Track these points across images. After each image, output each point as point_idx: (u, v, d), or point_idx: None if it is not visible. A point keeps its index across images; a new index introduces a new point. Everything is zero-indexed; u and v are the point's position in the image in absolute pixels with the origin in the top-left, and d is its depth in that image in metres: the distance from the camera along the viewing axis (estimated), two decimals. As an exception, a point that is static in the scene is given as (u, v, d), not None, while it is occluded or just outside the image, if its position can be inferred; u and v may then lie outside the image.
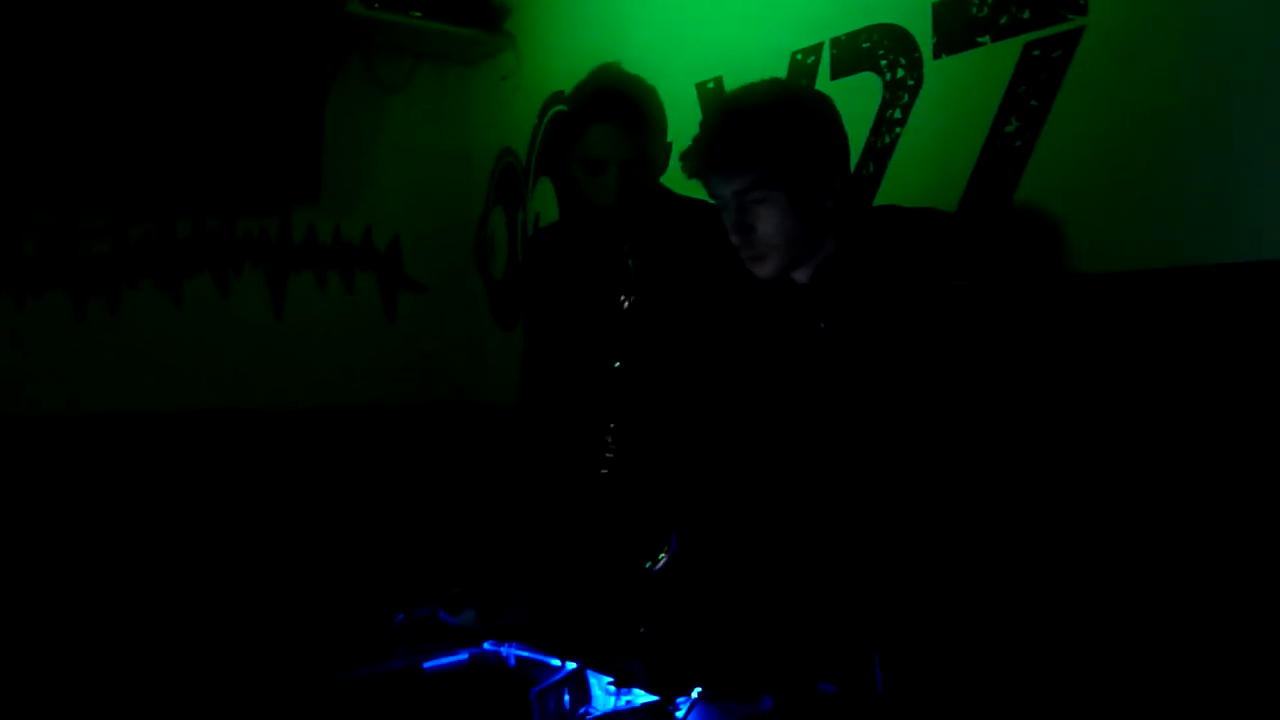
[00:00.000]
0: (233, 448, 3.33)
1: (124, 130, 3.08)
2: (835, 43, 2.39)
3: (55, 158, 3.02)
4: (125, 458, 3.17)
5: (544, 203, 3.48)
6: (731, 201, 1.64)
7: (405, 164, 3.72)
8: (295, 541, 2.97)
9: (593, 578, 1.77)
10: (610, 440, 2.02)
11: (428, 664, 1.71)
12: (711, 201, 1.73)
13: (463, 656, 1.73)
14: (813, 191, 1.62)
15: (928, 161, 2.19)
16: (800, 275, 1.69)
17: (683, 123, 2.51)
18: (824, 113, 1.69)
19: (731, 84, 2.62)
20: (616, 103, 1.99)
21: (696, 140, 1.68)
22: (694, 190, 1.88)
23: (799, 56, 2.47)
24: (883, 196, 2.25)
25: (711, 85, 2.72)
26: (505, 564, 1.85)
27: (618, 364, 2.06)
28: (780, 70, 2.50)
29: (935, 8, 2.16)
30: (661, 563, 1.53)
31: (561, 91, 3.36)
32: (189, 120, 3.16)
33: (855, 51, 2.34)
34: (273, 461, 3.37)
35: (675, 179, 1.95)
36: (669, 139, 2.10)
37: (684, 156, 1.71)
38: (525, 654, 1.63)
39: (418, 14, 3.45)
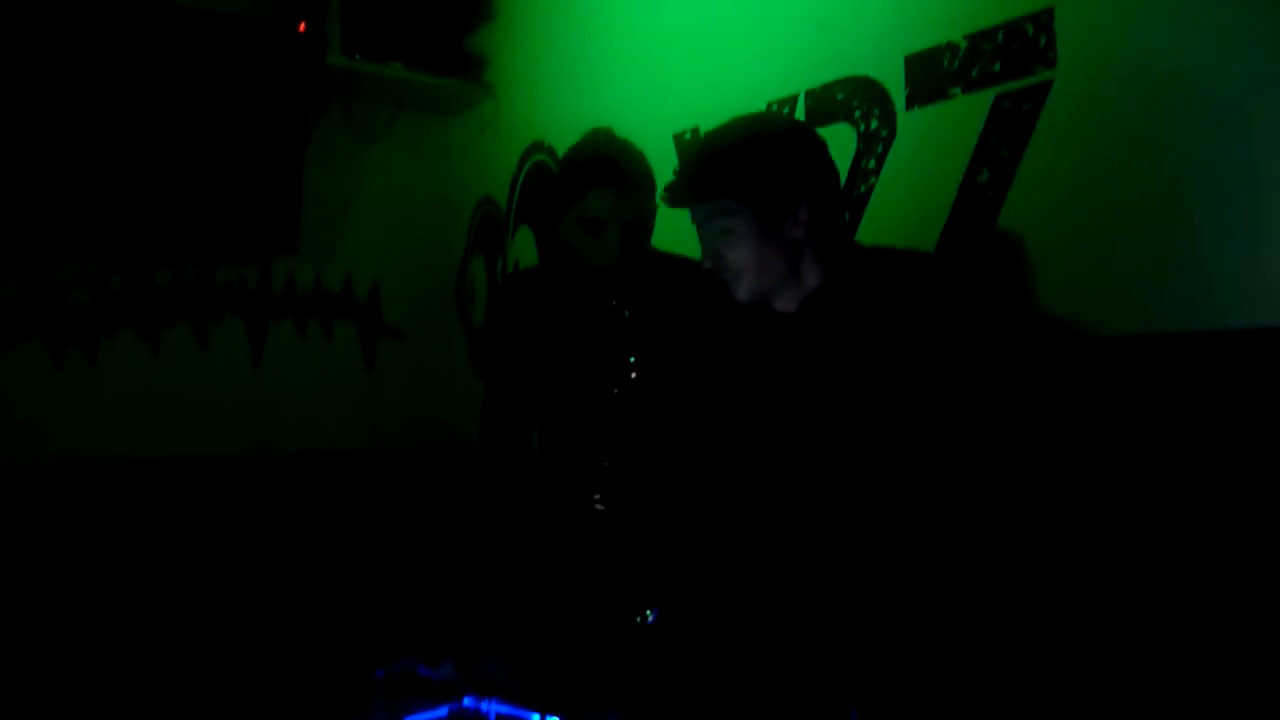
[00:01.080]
0: (210, 496, 3.30)
1: (104, 179, 3.09)
2: (810, 94, 2.43)
3: (36, 206, 3.02)
4: (101, 506, 3.14)
5: (523, 250, 3.50)
6: (702, 228, 1.69)
7: (385, 212, 3.74)
8: (273, 591, 2.94)
9: (571, 630, 1.76)
10: (602, 483, 2.03)
11: (407, 719, 1.70)
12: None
13: (442, 712, 1.72)
14: (775, 218, 1.64)
15: (902, 210, 2.22)
16: (785, 305, 1.71)
17: (661, 173, 2.54)
18: (793, 141, 1.71)
19: (708, 134, 2.67)
20: (615, 166, 2.04)
21: (677, 170, 1.76)
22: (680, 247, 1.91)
23: (774, 107, 2.50)
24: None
25: (689, 136, 2.75)
26: (484, 615, 1.84)
27: (616, 400, 2.08)
28: (756, 121, 2.53)
29: (908, 60, 2.20)
30: (649, 619, 1.54)
31: (541, 141, 3.39)
32: (169, 170, 3.17)
33: (829, 102, 2.38)
34: (251, 509, 3.34)
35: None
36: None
37: (665, 188, 1.77)
38: (505, 709, 1.62)
39: (398, 65, 3.48)
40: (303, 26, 3.35)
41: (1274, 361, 1.62)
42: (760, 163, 1.64)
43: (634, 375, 2.07)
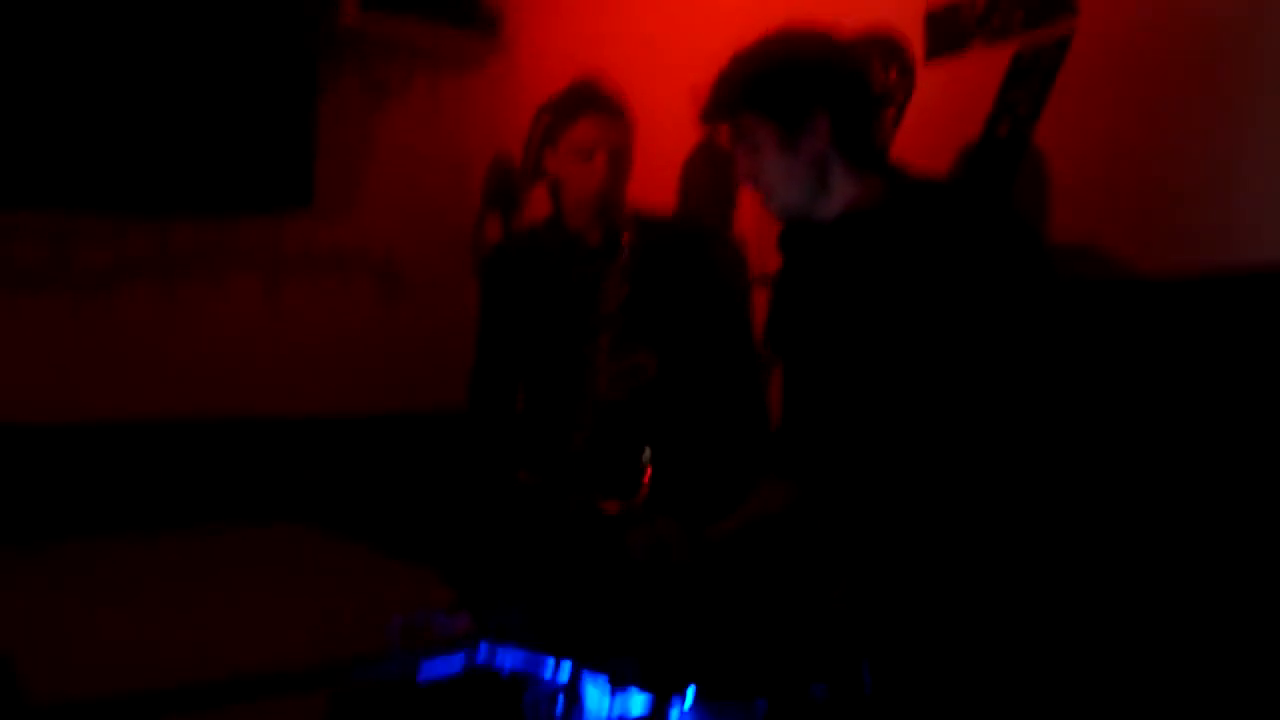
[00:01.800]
0: (229, 455, 3.33)
1: (119, 135, 3.09)
2: (828, 48, 2.40)
3: (49, 163, 3.02)
4: (116, 466, 3.17)
5: (539, 207, 3.48)
6: (734, 146, 1.69)
7: (400, 168, 3.72)
8: (291, 547, 2.97)
9: (588, 576, 1.77)
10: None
11: (423, 668, 1.71)
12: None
13: (458, 660, 1.73)
14: (794, 129, 1.63)
15: (921, 165, 2.19)
16: (823, 217, 1.70)
17: (680, 126, 2.53)
18: (808, 50, 1.70)
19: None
20: (600, 97, 2.25)
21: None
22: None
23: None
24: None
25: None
26: (499, 565, 1.86)
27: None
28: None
29: (928, 14, 2.18)
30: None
31: (552, 99, 3.37)
32: (182, 126, 3.16)
33: (848, 56, 2.35)
34: (269, 468, 3.37)
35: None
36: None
37: (699, 111, 1.77)
38: (520, 656, 1.63)
39: (412, 17, 3.46)
40: (317, -21, 3.33)
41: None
42: (773, 74, 1.65)
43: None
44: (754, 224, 2.64)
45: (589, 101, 2.23)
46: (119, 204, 3.23)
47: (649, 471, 1.77)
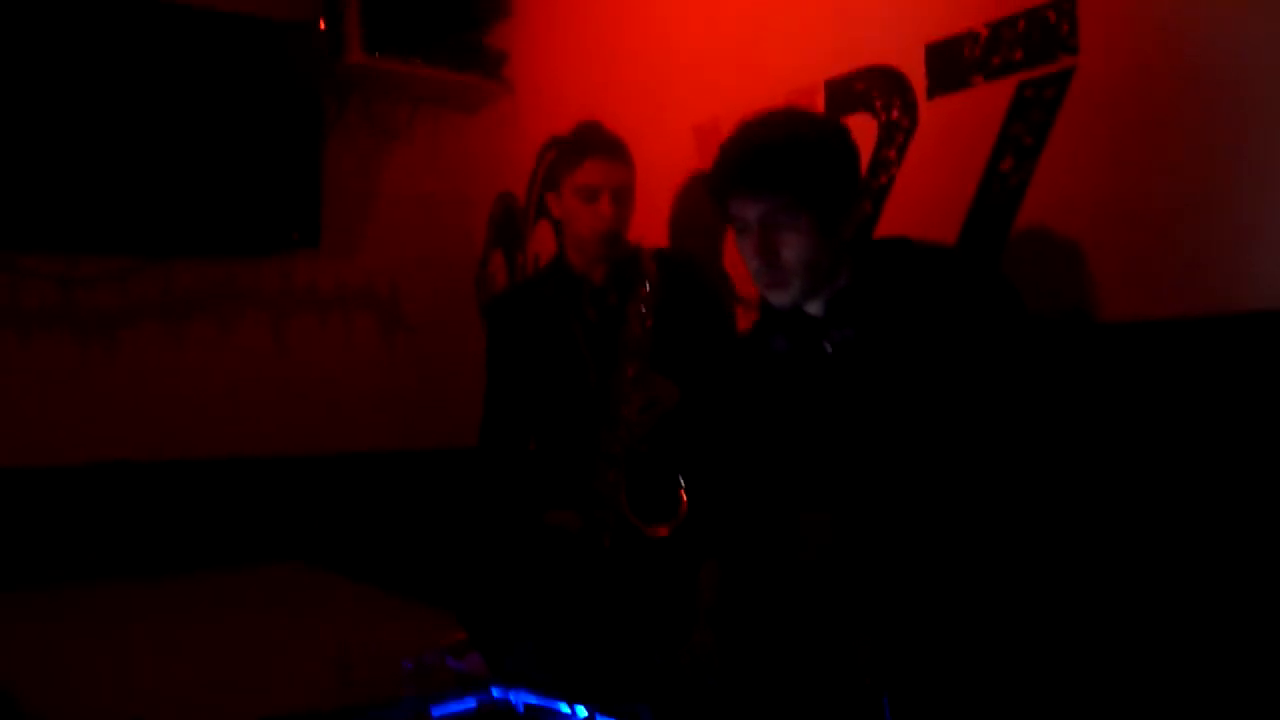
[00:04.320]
0: (236, 495, 3.33)
1: (128, 178, 3.12)
2: (830, 84, 2.43)
3: (61, 204, 3.05)
4: (122, 506, 3.17)
5: (543, 245, 3.50)
6: (756, 224, 1.62)
7: (405, 208, 3.75)
8: (296, 587, 2.96)
9: (600, 619, 1.77)
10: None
11: (435, 710, 1.71)
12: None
13: (470, 703, 1.72)
14: (836, 217, 1.62)
15: (924, 201, 2.21)
16: (814, 308, 1.69)
17: (680, 164, 2.55)
18: (845, 140, 1.70)
19: (728, 126, 2.67)
20: (604, 140, 2.29)
21: (720, 162, 1.67)
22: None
23: (794, 97, 2.49)
24: (879, 235, 2.27)
25: (708, 127, 2.75)
26: (510, 606, 1.86)
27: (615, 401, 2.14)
28: (776, 112, 2.53)
29: (928, 49, 2.20)
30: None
31: (558, 136, 3.39)
32: (191, 168, 3.20)
33: (849, 93, 2.37)
34: (275, 507, 3.37)
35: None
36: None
37: (708, 178, 1.71)
38: (533, 700, 1.63)
39: (417, 61, 3.49)
40: (322, 24, 3.37)
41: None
42: (824, 159, 1.62)
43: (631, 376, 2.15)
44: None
45: (593, 144, 2.27)
46: (125, 246, 3.26)
47: (684, 494, 1.79)
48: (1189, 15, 1.77)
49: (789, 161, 1.59)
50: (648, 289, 2.12)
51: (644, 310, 2.12)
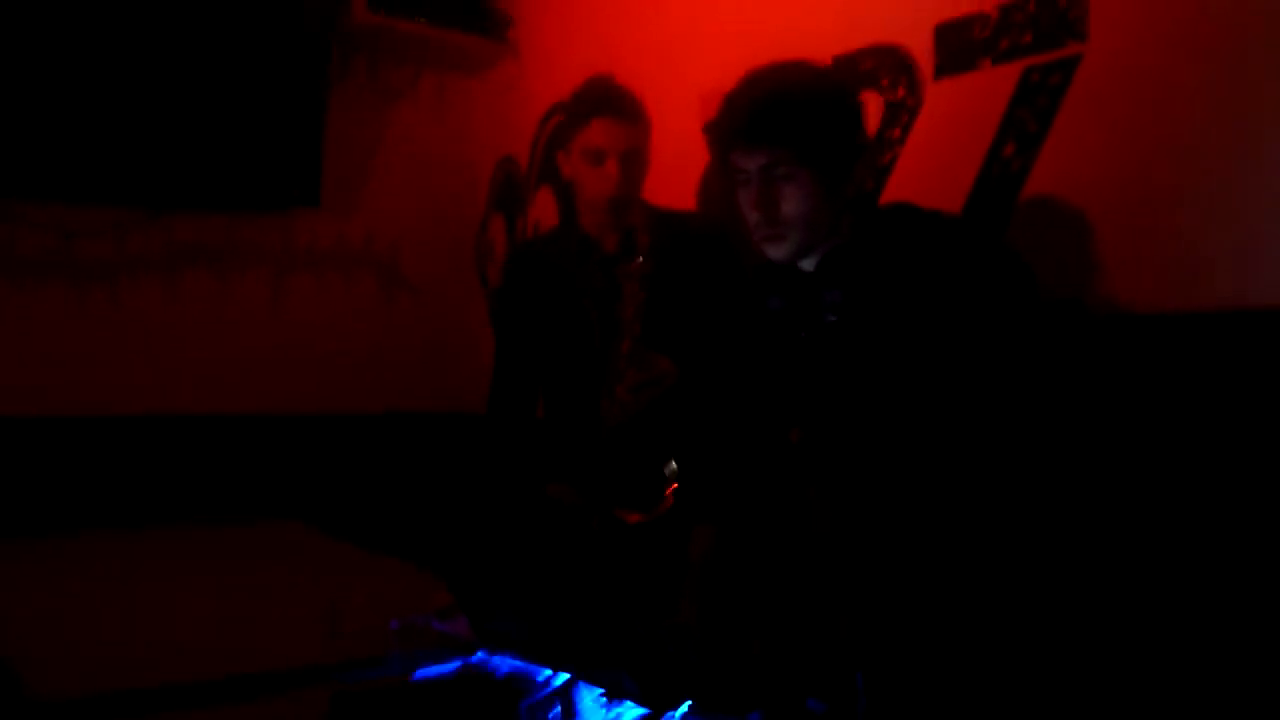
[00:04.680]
0: (232, 451, 3.34)
1: (129, 129, 3.10)
2: (837, 60, 2.41)
3: (57, 153, 3.03)
4: (116, 459, 3.18)
5: (544, 211, 3.49)
6: (756, 176, 1.62)
7: (407, 170, 3.74)
8: (291, 544, 2.98)
9: (586, 588, 1.78)
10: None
11: (419, 672, 1.72)
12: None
13: (454, 665, 1.74)
14: (837, 173, 1.62)
15: (926, 181, 2.20)
16: (807, 264, 1.68)
17: (686, 134, 2.54)
18: (851, 98, 1.71)
19: (734, 98, 2.65)
20: (613, 99, 2.18)
21: (724, 113, 1.67)
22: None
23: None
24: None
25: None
26: (498, 571, 1.87)
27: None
28: (782, 86, 2.51)
29: (938, 29, 2.18)
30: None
31: (563, 102, 3.37)
32: (190, 120, 3.18)
33: (856, 70, 2.36)
34: (271, 465, 3.38)
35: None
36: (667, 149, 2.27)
37: (708, 127, 1.72)
38: (516, 664, 1.64)
39: (422, 20, 3.47)
40: (328, -20, 3.34)
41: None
42: (827, 114, 1.62)
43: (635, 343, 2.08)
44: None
45: (601, 104, 2.17)
46: (124, 197, 3.24)
47: (673, 486, 1.76)
48: (1200, 7, 1.76)
49: (791, 114, 1.59)
50: (638, 262, 2.06)
51: (637, 285, 2.06)
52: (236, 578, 2.45)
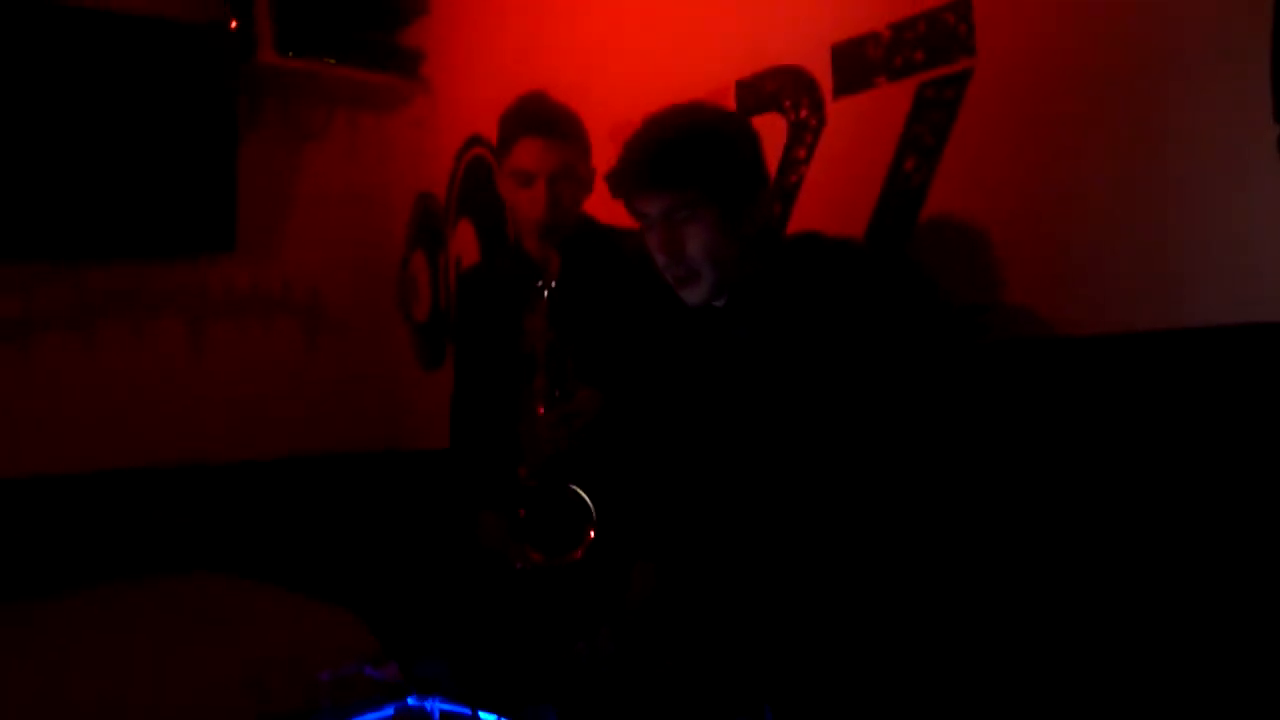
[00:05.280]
0: (150, 504, 3.27)
1: (32, 182, 3.04)
2: (740, 84, 2.45)
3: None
4: (39, 520, 3.10)
5: (464, 244, 3.49)
6: (659, 220, 1.63)
7: (323, 210, 3.70)
8: (215, 595, 2.92)
9: (511, 629, 1.77)
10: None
11: (353, 719, 1.71)
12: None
13: (388, 711, 1.73)
14: (740, 210, 1.64)
15: (832, 199, 2.24)
16: (719, 302, 1.70)
17: (598, 165, 2.53)
18: (748, 134, 1.72)
19: (642, 126, 2.68)
20: (542, 118, 2.12)
21: (623, 159, 1.68)
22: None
23: (706, 98, 2.51)
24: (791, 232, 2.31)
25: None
26: (426, 614, 1.85)
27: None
28: (688, 112, 2.54)
29: (834, 49, 2.23)
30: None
31: (478, 135, 3.38)
32: (101, 172, 3.13)
33: (760, 93, 2.40)
34: (191, 516, 3.31)
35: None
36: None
37: (609, 176, 1.71)
38: (447, 707, 1.63)
39: (331, 61, 3.45)
40: (234, 24, 3.31)
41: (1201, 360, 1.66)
42: (726, 153, 1.64)
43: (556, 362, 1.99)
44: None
45: (528, 124, 2.11)
46: (33, 251, 3.17)
47: (589, 534, 1.70)
48: (1081, 17, 1.82)
49: (688, 157, 1.61)
50: (545, 296, 1.95)
51: (543, 318, 1.96)
52: (159, 633, 2.38)
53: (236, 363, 3.52)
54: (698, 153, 1.61)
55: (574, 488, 1.77)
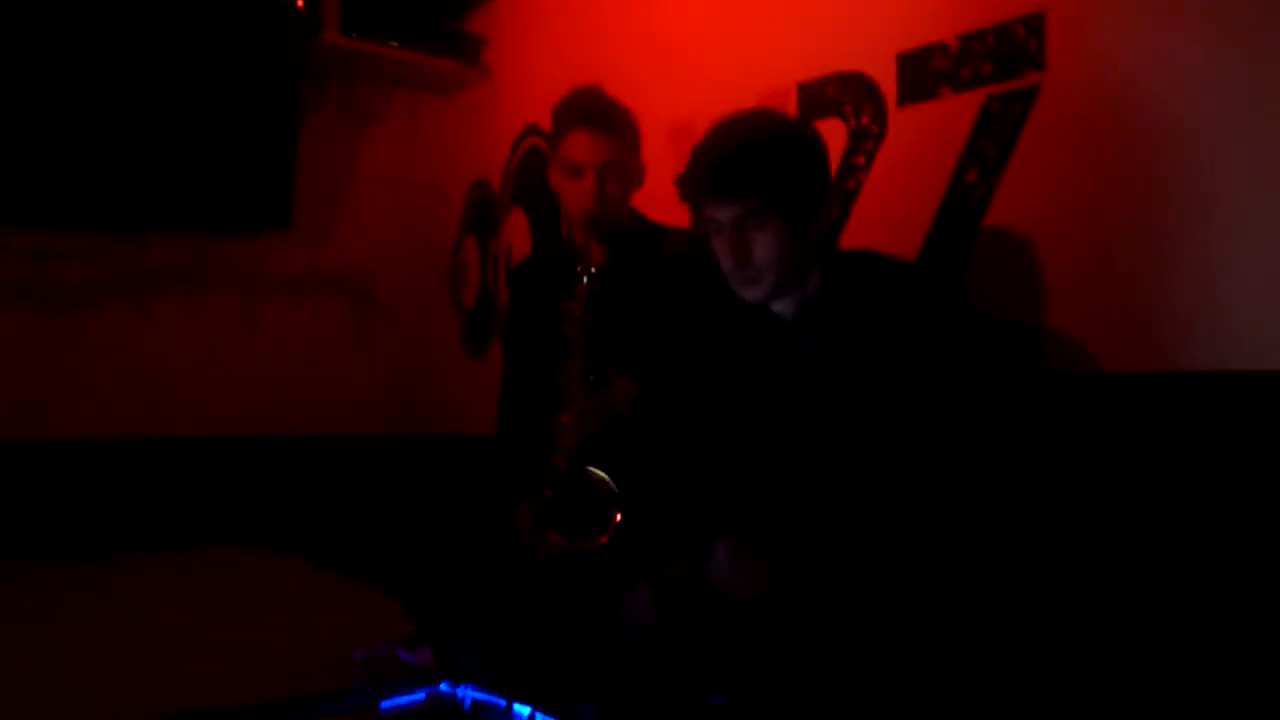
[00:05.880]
0: (200, 474, 3.33)
1: (99, 151, 3.10)
2: (803, 88, 2.44)
3: (29, 177, 3.03)
4: (88, 484, 3.16)
5: (516, 232, 3.50)
6: (728, 226, 1.66)
7: (380, 191, 3.75)
8: (257, 570, 2.96)
9: (549, 621, 1.78)
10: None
11: (384, 703, 1.72)
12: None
13: (419, 696, 1.73)
14: (805, 218, 1.66)
15: (890, 208, 2.23)
16: (782, 307, 1.72)
17: (655, 160, 2.54)
18: (816, 143, 1.73)
19: (704, 126, 2.67)
20: (595, 111, 2.13)
21: (692, 166, 1.69)
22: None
23: (768, 99, 2.50)
24: (846, 241, 2.29)
25: (685, 126, 2.75)
26: (463, 600, 1.86)
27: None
28: (749, 113, 2.53)
29: (900, 58, 2.21)
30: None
31: (535, 124, 3.39)
32: (163, 143, 3.18)
33: (821, 97, 2.38)
34: (241, 488, 3.37)
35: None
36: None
37: (678, 180, 1.73)
38: (480, 695, 1.64)
39: (395, 44, 3.48)
40: (301, 3, 3.35)
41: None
42: (794, 162, 1.66)
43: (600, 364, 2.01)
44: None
45: (580, 115, 2.12)
46: (96, 221, 3.24)
47: (617, 517, 1.73)
48: (1155, 43, 1.79)
49: (757, 167, 1.63)
50: (584, 283, 1.98)
51: (582, 306, 1.98)
52: (200, 604, 2.43)
53: (288, 340, 3.57)
54: (767, 162, 1.63)
55: (595, 470, 1.79)
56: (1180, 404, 1.73)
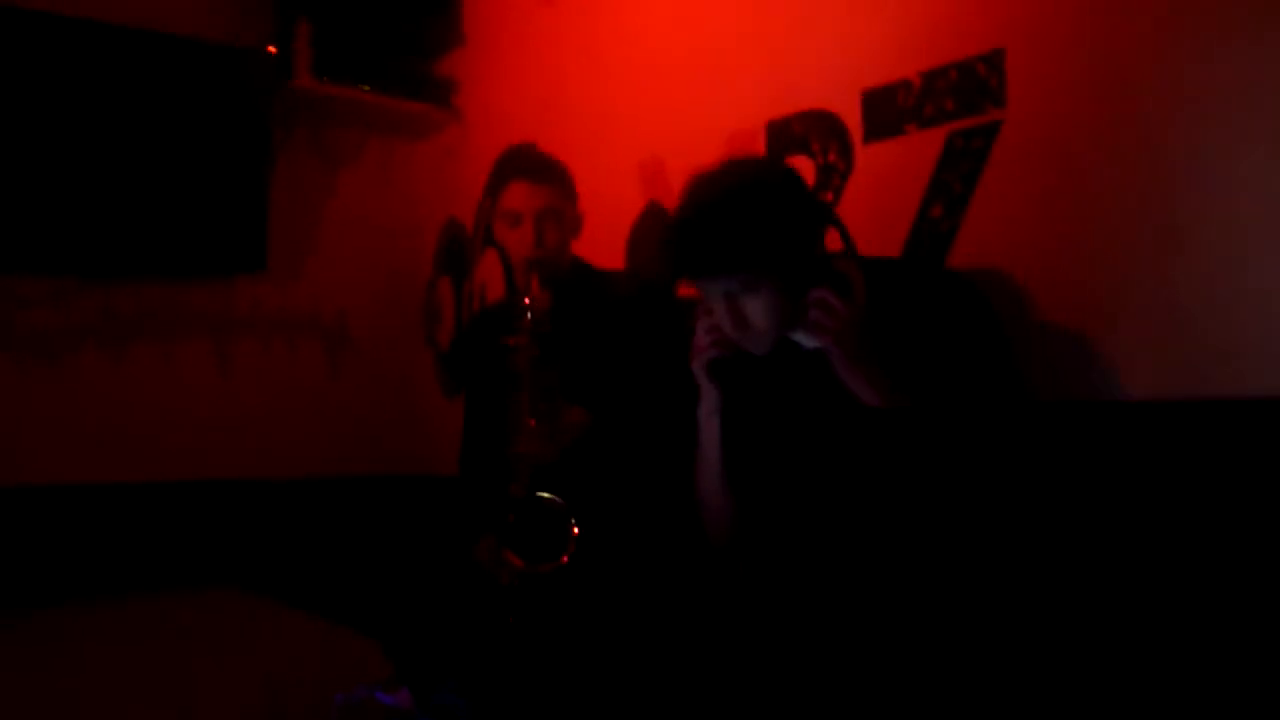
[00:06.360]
0: (173, 519, 3.30)
1: (70, 198, 3.09)
2: (770, 125, 2.48)
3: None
4: (63, 530, 3.12)
5: (490, 272, 3.52)
6: (720, 298, 1.65)
7: (353, 234, 3.75)
8: (231, 613, 2.94)
9: (527, 659, 1.78)
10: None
11: (363, 745, 1.71)
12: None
13: (398, 737, 1.73)
14: (796, 273, 1.64)
15: (858, 242, 2.26)
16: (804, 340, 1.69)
17: (625, 198, 2.59)
18: (800, 195, 1.72)
19: (673, 164, 2.71)
20: (530, 161, 2.33)
21: (674, 245, 1.67)
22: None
23: (737, 138, 2.54)
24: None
25: (651, 164, 2.79)
26: (440, 641, 1.86)
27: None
28: (718, 151, 2.57)
29: (865, 95, 2.25)
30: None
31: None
32: (135, 189, 3.18)
33: (789, 135, 2.42)
34: (216, 532, 3.33)
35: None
36: (581, 211, 2.38)
37: (663, 254, 1.72)
38: (459, 735, 1.63)
39: (366, 88, 3.50)
40: (272, 49, 3.37)
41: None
42: (782, 226, 1.63)
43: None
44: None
45: (516, 167, 2.31)
46: (65, 267, 3.22)
47: (574, 534, 1.78)
48: (1113, 77, 1.83)
49: (743, 243, 1.60)
50: (528, 319, 2.06)
51: (527, 338, 2.06)
52: (174, 649, 2.41)
53: (262, 382, 3.56)
54: (755, 234, 1.60)
55: (547, 495, 1.86)
56: (1148, 433, 1.75)
